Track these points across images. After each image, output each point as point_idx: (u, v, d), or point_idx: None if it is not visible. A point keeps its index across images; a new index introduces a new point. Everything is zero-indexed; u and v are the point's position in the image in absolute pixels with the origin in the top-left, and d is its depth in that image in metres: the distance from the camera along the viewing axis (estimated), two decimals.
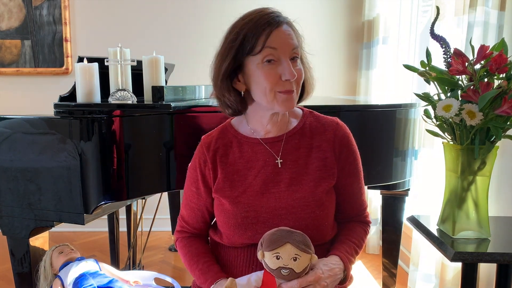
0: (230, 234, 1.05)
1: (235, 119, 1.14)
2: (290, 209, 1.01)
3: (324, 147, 1.06)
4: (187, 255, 1.12)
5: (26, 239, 1.45)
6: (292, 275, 0.92)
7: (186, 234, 1.17)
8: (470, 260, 1.02)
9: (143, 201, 2.30)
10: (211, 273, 1.04)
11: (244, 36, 0.97)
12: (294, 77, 0.97)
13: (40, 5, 3.01)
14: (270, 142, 1.07)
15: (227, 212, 1.04)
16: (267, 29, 0.96)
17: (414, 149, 1.77)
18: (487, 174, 1.09)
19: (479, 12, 1.55)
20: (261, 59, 0.96)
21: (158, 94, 1.50)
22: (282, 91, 0.97)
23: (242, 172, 1.06)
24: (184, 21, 3.06)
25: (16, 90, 3.13)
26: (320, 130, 1.09)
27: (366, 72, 2.86)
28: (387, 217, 1.94)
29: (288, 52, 0.97)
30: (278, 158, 1.06)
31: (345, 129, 1.10)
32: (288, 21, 1.01)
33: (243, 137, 1.09)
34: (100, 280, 1.38)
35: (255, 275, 0.97)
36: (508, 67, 1.02)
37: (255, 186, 1.04)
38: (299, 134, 1.08)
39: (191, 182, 1.12)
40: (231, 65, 1.00)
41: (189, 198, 1.13)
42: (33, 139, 1.38)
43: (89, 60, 1.43)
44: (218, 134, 1.12)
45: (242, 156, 1.07)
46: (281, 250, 0.91)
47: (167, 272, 2.48)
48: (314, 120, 1.11)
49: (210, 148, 1.09)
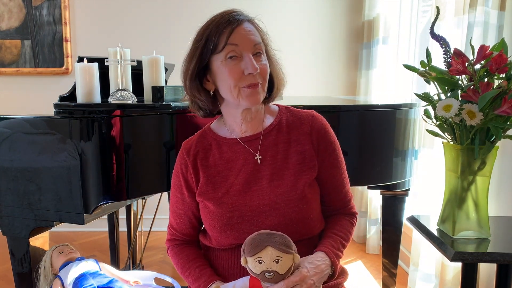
0: (217, 236, 1.06)
1: (214, 123, 1.16)
2: (273, 205, 1.02)
3: (302, 141, 1.07)
4: (179, 262, 1.12)
5: (26, 239, 1.45)
6: (277, 277, 0.92)
7: (177, 242, 1.17)
8: (470, 260, 1.02)
9: (143, 201, 2.30)
10: (204, 277, 1.04)
11: (208, 36, 1.01)
12: (256, 70, 0.99)
13: (40, 5, 3.01)
14: (248, 141, 1.09)
15: (212, 214, 1.05)
16: (228, 27, 0.99)
17: (414, 149, 1.77)
18: (487, 174, 1.09)
19: (479, 12, 1.55)
20: (224, 56, 1.00)
21: (158, 94, 1.50)
22: (246, 85, 1.00)
23: (224, 173, 1.07)
24: (184, 21, 3.06)
25: (16, 90, 3.13)
26: (296, 124, 1.10)
27: (366, 72, 2.86)
28: (387, 217, 1.94)
29: (249, 48, 1.00)
30: (257, 155, 1.07)
31: (322, 121, 1.11)
32: (250, 19, 1.04)
33: (221, 138, 1.11)
34: (100, 280, 1.39)
35: (241, 281, 0.98)
36: (508, 67, 1.02)
37: (237, 185, 1.05)
38: (276, 130, 1.09)
39: (175, 188, 1.13)
40: (197, 64, 1.04)
41: (175, 205, 1.14)
42: (33, 139, 1.38)
43: (89, 60, 1.43)
44: (198, 138, 1.14)
45: (222, 157, 1.09)
46: (262, 254, 0.92)
47: (167, 272, 2.48)
48: (291, 115, 1.12)
49: (190, 153, 1.11)
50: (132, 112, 1.39)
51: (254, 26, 1.03)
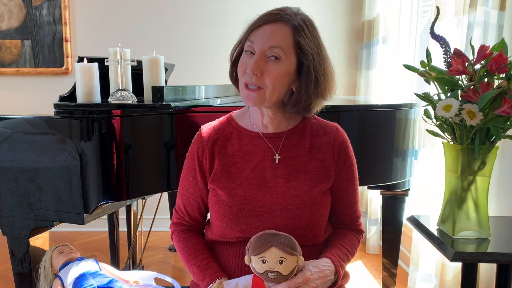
0: (223, 226, 1.05)
1: (237, 112, 1.15)
2: (285, 206, 1.02)
3: (324, 149, 1.07)
4: (185, 249, 1.11)
5: (26, 239, 1.44)
6: (280, 278, 0.92)
7: (183, 227, 1.16)
8: (470, 260, 1.02)
9: (143, 201, 2.30)
10: (209, 271, 1.04)
11: (248, 27, 1.02)
12: (252, 71, 0.97)
13: (40, 5, 3.01)
14: (271, 137, 1.08)
15: (222, 203, 1.04)
16: (258, 23, 0.99)
17: (414, 149, 1.77)
18: (487, 174, 1.09)
19: (479, 12, 1.55)
20: (245, 48, 1.01)
21: (158, 94, 1.50)
22: (243, 83, 1.01)
23: (240, 164, 1.07)
24: (184, 21, 3.06)
25: (16, 90, 3.13)
26: (320, 133, 1.10)
27: (366, 72, 2.86)
28: (387, 217, 1.94)
29: (261, 47, 0.98)
30: (276, 154, 1.06)
31: (344, 135, 1.12)
32: (287, 20, 0.99)
33: (243, 129, 1.10)
34: (100, 280, 1.38)
35: (244, 279, 0.98)
36: (508, 67, 1.02)
37: (252, 179, 1.05)
38: (300, 133, 1.09)
39: (188, 171, 1.12)
40: (235, 49, 1.06)
41: (185, 188, 1.13)
42: (33, 139, 1.38)
43: (89, 60, 1.43)
44: (219, 125, 1.12)
45: (241, 148, 1.08)
46: (266, 254, 0.92)
47: (167, 272, 2.48)
48: (316, 122, 1.12)
49: (210, 138, 1.10)
50: (132, 112, 1.39)
51: (291, 31, 0.98)
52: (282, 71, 0.98)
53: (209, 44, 3.08)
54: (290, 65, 0.99)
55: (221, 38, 3.05)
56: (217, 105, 1.54)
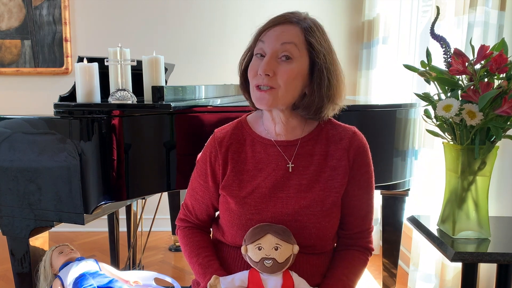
0: (233, 234, 1.05)
1: (252, 116, 1.13)
2: (295, 216, 1.00)
3: (339, 156, 1.03)
4: (189, 245, 1.11)
5: (26, 239, 1.44)
6: (275, 266, 0.93)
7: (189, 224, 1.16)
8: (470, 260, 1.02)
9: (143, 201, 2.30)
10: (210, 269, 1.04)
11: (257, 31, 1.01)
12: (264, 72, 0.94)
13: (40, 5, 3.01)
14: (284, 145, 1.05)
15: (232, 211, 1.03)
16: (269, 25, 0.99)
17: (414, 149, 1.77)
18: (487, 174, 1.09)
19: (479, 12, 1.55)
20: (255, 51, 1.00)
21: (158, 94, 1.50)
22: (255, 85, 0.98)
23: (252, 172, 1.04)
24: (184, 21, 3.06)
25: (16, 90, 3.13)
26: (335, 139, 1.05)
27: (366, 72, 2.86)
28: (387, 217, 1.94)
29: (272, 46, 0.96)
30: (290, 162, 1.03)
31: (362, 139, 1.06)
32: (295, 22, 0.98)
33: (257, 136, 1.07)
34: (100, 280, 1.38)
35: (240, 274, 0.98)
36: (508, 67, 1.02)
37: (263, 188, 1.02)
38: (314, 140, 1.05)
39: (199, 174, 1.11)
40: (246, 54, 1.04)
41: (195, 190, 1.12)
42: (33, 139, 1.38)
43: (89, 60, 1.43)
44: (233, 129, 1.10)
45: (254, 156, 1.05)
46: (262, 241, 0.94)
47: (167, 272, 2.48)
48: (331, 127, 1.07)
49: (223, 144, 1.07)
50: (132, 112, 1.39)
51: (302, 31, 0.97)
52: (295, 70, 0.96)
53: (209, 44, 3.08)
54: (303, 65, 0.97)
55: (221, 38, 3.05)
56: (217, 105, 1.54)
